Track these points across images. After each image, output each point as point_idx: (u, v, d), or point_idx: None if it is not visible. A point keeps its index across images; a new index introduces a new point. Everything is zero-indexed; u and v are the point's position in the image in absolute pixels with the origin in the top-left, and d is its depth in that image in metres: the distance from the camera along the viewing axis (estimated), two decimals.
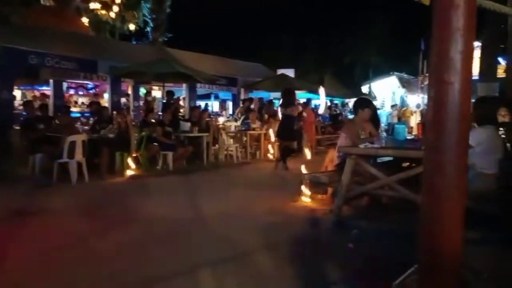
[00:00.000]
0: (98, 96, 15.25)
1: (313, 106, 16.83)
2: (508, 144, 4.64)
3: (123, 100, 13.83)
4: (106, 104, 12.27)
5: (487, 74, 8.84)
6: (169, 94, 11.29)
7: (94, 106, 10.69)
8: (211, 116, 14.36)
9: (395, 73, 22.80)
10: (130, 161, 7.87)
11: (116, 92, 12.38)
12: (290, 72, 17.18)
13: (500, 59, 11.27)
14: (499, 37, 9.56)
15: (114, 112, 9.78)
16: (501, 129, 4.69)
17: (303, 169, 5.89)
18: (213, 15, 34.12)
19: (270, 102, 14.52)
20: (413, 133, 10.63)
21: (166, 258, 3.73)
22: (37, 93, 14.42)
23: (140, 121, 9.05)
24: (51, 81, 11.44)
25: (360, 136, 5.34)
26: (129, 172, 7.80)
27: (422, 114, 15.74)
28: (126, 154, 7.96)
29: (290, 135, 8.35)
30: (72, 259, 3.69)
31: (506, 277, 3.08)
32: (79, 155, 7.05)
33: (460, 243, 1.45)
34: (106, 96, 13.93)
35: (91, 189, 6.80)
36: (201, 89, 15.56)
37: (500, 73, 10.97)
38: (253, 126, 10.93)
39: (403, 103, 20.81)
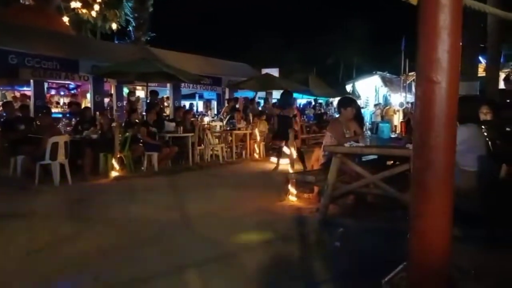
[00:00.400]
0: (80, 97, 15.03)
1: (297, 105, 16.94)
2: (490, 142, 4.72)
3: (106, 100, 13.65)
4: (89, 105, 12.10)
5: (468, 73, 9.00)
6: (153, 94, 11.18)
7: (74, 107, 10.51)
8: (196, 116, 14.29)
9: (378, 72, 23.07)
10: (114, 162, 7.77)
11: (99, 92, 12.21)
12: (275, 72, 17.21)
13: (480, 58, 11.50)
14: (479, 36, 9.75)
15: (97, 113, 9.64)
16: (483, 127, 4.77)
17: (289, 168, 5.91)
18: (196, 14, 33.97)
19: (253, 102, 14.53)
20: (397, 132, 10.75)
21: (151, 259, 3.69)
22: (17, 94, 14.12)
23: (124, 122, 8.94)
24: (31, 81, 11.21)
25: (345, 135, 5.39)
26: (113, 173, 7.70)
27: (405, 113, 15.95)
28: (110, 155, 7.86)
29: (286, 135, 8.42)
30: (54, 261, 3.63)
31: (489, 275, 3.14)
32: (61, 157, 6.93)
33: (449, 240, 1.48)
34: (88, 96, 13.74)
35: (74, 190, 6.69)
36: (185, 89, 15.47)
37: (481, 72, 11.20)
38: (239, 126, 10.92)
39: (386, 102, 21.06)
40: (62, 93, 15.82)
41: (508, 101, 7.43)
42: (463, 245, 3.38)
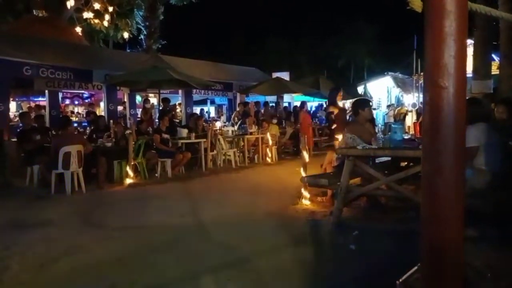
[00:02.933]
0: (94, 105, 15.26)
1: (308, 109, 16.91)
2: (510, 142, 4.66)
3: (119, 108, 13.82)
4: (102, 113, 12.27)
5: (481, 72, 8.88)
6: (165, 101, 11.30)
7: (92, 116, 10.70)
8: (208, 121, 14.37)
9: (390, 73, 22.87)
10: (128, 170, 7.85)
11: (112, 101, 12.37)
12: (285, 76, 17.22)
13: (494, 56, 11.33)
14: (492, 34, 9.61)
15: (111, 121, 9.76)
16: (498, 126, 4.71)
17: (302, 172, 5.90)
18: (206, 21, 34.21)
19: (266, 105, 14.55)
20: (410, 133, 10.65)
21: (166, 265, 3.72)
22: (32, 104, 14.40)
23: (135, 130, 9.07)
24: (46, 91, 11.44)
25: (372, 134, 5.35)
26: (128, 181, 7.78)
27: (418, 113, 15.77)
28: (124, 162, 7.95)
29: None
30: (70, 269, 3.68)
31: (505, 275, 3.09)
32: (74, 166, 7.01)
33: (461, 242, 1.48)
34: (102, 105, 13.92)
35: (88, 199, 6.78)
36: (197, 95, 15.57)
37: (494, 69, 11.03)
38: (250, 130, 10.94)
39: (399, 102, 20.87)
40: (76, 102, 16.10)
41: None
42: (478, 245, 3.34)
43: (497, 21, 9.17)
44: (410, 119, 15.99)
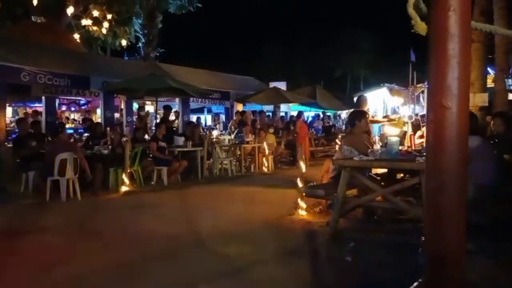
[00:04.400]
0: (90, 112, 15.24)
1: (305, 118, 16.96)
2: (504, 155, 4.69)
3: (116, 115, 13.81)
4: (99, 120, 12.24)
5: (477, 85, 8.96)
6: (167, 108, 11.37)
7: (88, 122, 10.68)
8: (205, 130, 14.38)
9: (386, 84, 23.06)
10: (124, 177, 7.82)
11: (109, 108, 12.35)
12: (282, 85, 17.28)
13: (489, 69, 11.45)
14: (488, 47, 9.72)
15: (108, 128, 9.74)
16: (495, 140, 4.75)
17: (299, 182, 5.90)
18: (205, 30, 34.41)
19: (262, 114, 14.58)
20: (406, 144, 10.68)
21: (161, 275, 3.70)
22: (29, 110, 14.35)
23: (131, 138, 9.05)
24: (43, 97, 11.40)
25: (367, 145, 5.35)
26: (123, 188, 7.75)
27: (413, 125, 15.83)
28: (120, 170, 7.92)
29: None
30: (64, 278, 3.64)
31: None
32: (69, 173, 6.97)
33: (462, 259, 1.51)
34: (98, 111, 13.90)
35: (83, 206, 6.74)
36: (194, 103, 15.59)
37: (490, 83, 11.15)
38: (247, 139, 10.95)
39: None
40: (72, 108, 16.06)
41: None
42: (474, 258, 3.35)
43: (492, 35, 9.28)
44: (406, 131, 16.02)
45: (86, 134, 9.56)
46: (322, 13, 39.57)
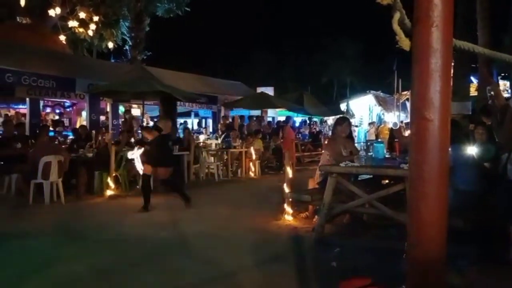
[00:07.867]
0: (75, 114, 15.05)
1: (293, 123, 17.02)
2: (485, 163, 4.80)
3: (102, 118, 13.66)
4: (84, 123, 12.11)
5: (460, 93, 9.15)
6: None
7: (60, 125, 10.50)
8: (192, 134, 14.31)
9: (372, 91, 23.38)
10: (109, 181, 7.75)
11: (95, 111, 12.24)
12: (270, 90, 17.39)
13: (472, 78, 11.71)
14: (470, 56, 9.94)
15: (93, 131, 9.65)
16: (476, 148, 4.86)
17: (285, 188, 5.93)
18: (192, 33, 34.37)
19: (250, 119, 14.62)
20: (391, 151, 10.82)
21: (146, 280, 3.67)
22: (12, 112, 14.12)
23: (115, 141, 8.96)
24: (27, 99, 11.24)
25: (342, 153, 5.42)
26: (108, 192, 7.67)
27: (395, 130, 16.06)
28: (105, 173, 7.84)
29: None
30: (51, 282, 3.60)
31: None
32: (54, 176, 6.88)
33: (443, 266, 1.55)
34: (84, 114, 13.75)
35: (67, 209, 6.65)
36: (181, 107, 15.53)
37: (473, 91, 11.39)
38: (234, 144, 10.95)
39: (380, 120, 21.28)
40: (57, 111, 15.83)
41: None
42: (455, 264, 3.41)
43: (476, 42, 9.49)
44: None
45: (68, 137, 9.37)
46: (310, 21, 39.93)
